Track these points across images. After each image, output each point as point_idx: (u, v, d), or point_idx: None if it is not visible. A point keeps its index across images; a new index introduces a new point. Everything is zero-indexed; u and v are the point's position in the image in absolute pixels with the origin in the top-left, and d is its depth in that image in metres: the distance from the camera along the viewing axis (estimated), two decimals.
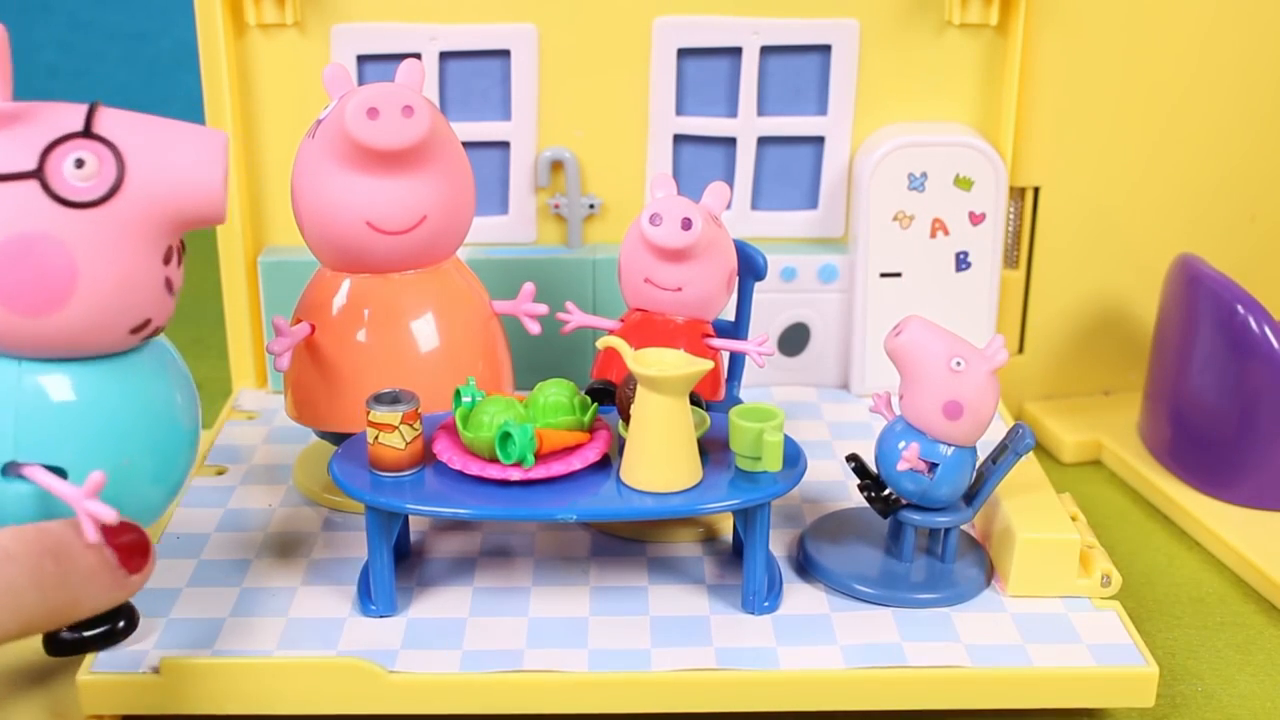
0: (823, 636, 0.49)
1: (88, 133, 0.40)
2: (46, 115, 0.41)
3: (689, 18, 0.66)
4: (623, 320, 0.58)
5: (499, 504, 0.48)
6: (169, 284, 0.43)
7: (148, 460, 0.44)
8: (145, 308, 0.42)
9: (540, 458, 0.49)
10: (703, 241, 0.54)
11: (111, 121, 0.41)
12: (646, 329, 0.56)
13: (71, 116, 0.41)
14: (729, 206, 0.68)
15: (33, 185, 0.40)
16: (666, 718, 0.48)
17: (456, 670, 0.47)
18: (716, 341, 0.57)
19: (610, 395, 0.53)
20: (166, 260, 0.42)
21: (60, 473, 0.42)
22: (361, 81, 0.64)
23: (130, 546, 0.43)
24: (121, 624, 0.46)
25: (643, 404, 0.48)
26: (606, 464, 0.50)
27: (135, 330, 0.43)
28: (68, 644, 0.46)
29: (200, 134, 0.42)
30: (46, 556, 0.40)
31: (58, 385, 0.42)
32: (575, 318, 0.59)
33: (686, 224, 0.54)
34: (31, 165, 0.40)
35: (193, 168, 0.41)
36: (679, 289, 0.55)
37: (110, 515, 0.41)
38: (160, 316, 0.43)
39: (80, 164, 0.40)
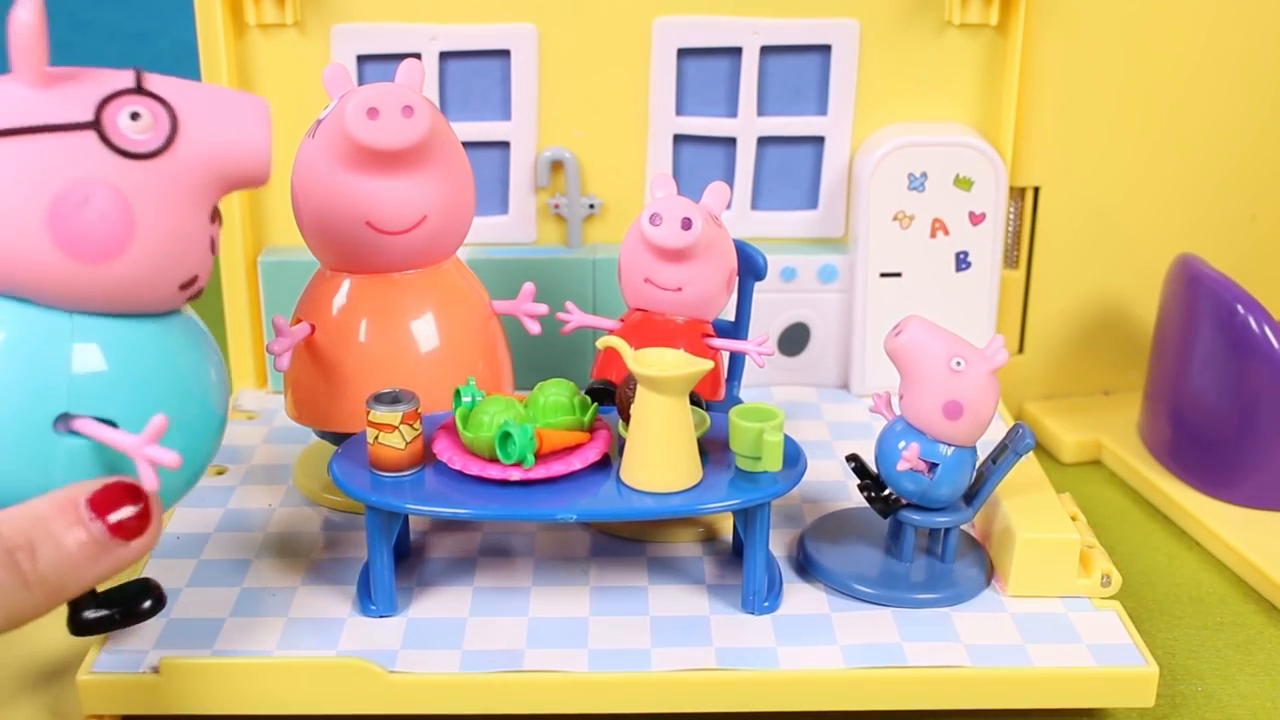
0: (823, 636, 0.49)
1: (140, 89, 0.42)
2: (96, 75, 0.42)
3: (689, 18, 0.66)
4: (623, 320, 0.58)
5: (499, 504, 0.48)
6: (213, 243, 0.44)
7: (177, 437, 0.43)
8: (193, 263, 0.43)
9: (540, 458, 0.49)
10: (703, 241, 0.54)
11: (160, 82, 0.43)
12: (646, 329, 0.56)
13: (121, 77, 0.42)
14: (729, 206, 0.68)
15: (90, 136, 0.41)
16: (666, 718, 0.48)
17: (456, 670, 0.47)
18: (716, 341, 0.57)
19: (610, 395, 0.53)
20: (212, 219, 0.44)
21: (110, 425, 0.42)
22: (361, 81, 0.64)
23: (122, 517, 0.42)
24: (148, 604, 0.46)
25: (643, 404, 0.48)
26: (606, 464, 0.50)
27: (184, 286, 0.44)
28: (91, 624, 0.45)
29: (244, 97, 0.44)
30: (20, 551, 0.40)
31: (110, 339, 0.42)
32: (575, 318, 0.59)
33: (686, 224, 0.54)
34: (88, 117, 0.41)
35: (241, 127, 0.43)
36: (679, 289, 0.55)
37: (173, 459, 0.41)
38: (204, 275, 0.44)
39: (135, 116, 0.41)
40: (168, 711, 0.47)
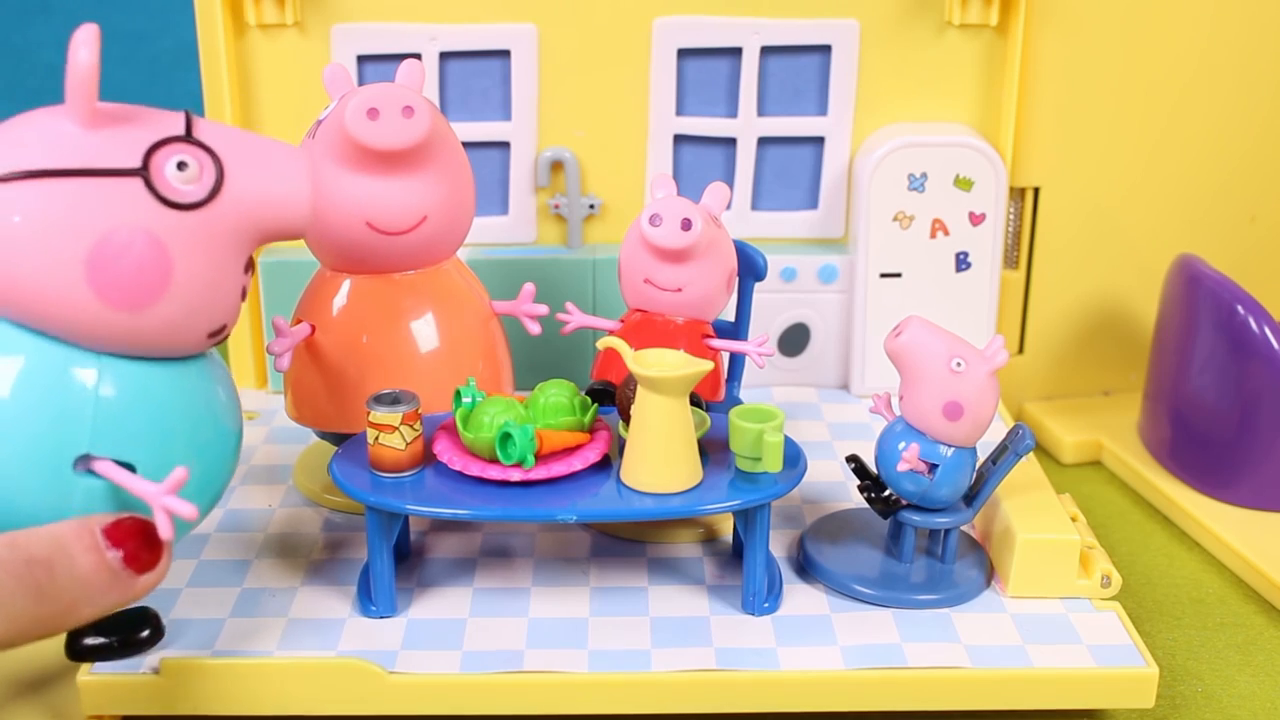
0: (823, 637, 0.49)
1: (189, 137, 0.42)
2: (147, 118, 0.42)
3: (689, 18, 0.66)
4: (623, 321, 0.58)
5: (499, 504, 0.48)
6: (244, 293, 0.44)
7: (196, 470, 0.43)
8: (225, 313, 0.44)
9: (540, 458, 0.49)
10: (702, 242, 0.54)
11: (209, 130, 0.43)
12: (646, 329, 0.56)
13: (171, 121, 0.42)
14: (729, 207, 0.68)
15: (136, 183, 0.41)
16: (666, 718, 0.48)
17: (456, 670, 0.47)
18: (716, 342, 0.57)
19: (610, 396, 0.53)
20: (246, 269, 0.44)
21: (129, 469, 0.42)
22: (361, 81, 0.64)
23: (138, 547, 0.42)
24: (146, 633, 0.46)
25: (643, 404, 0.48)
26: (607, 464, 0.50)
27: (212, 334, 0.44)
28: (89, 650, 0.45)
29: (286, 150, 0.44)
30: (37, 565, 0.40)
31: (136, 382, 0.43)
32: (575, 318, 0.59)
33: (686, 224, 0.54)
34: (136, 164, 0.41)
35: (282, 181, 0.43)
36: (679, 290, 0.55)
37: (189, 511, 0.41)
38: (233, 323, 0.45)
39: (182, 166, 0.41)
40: (168, 712, 0.47)
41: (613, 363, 0.56)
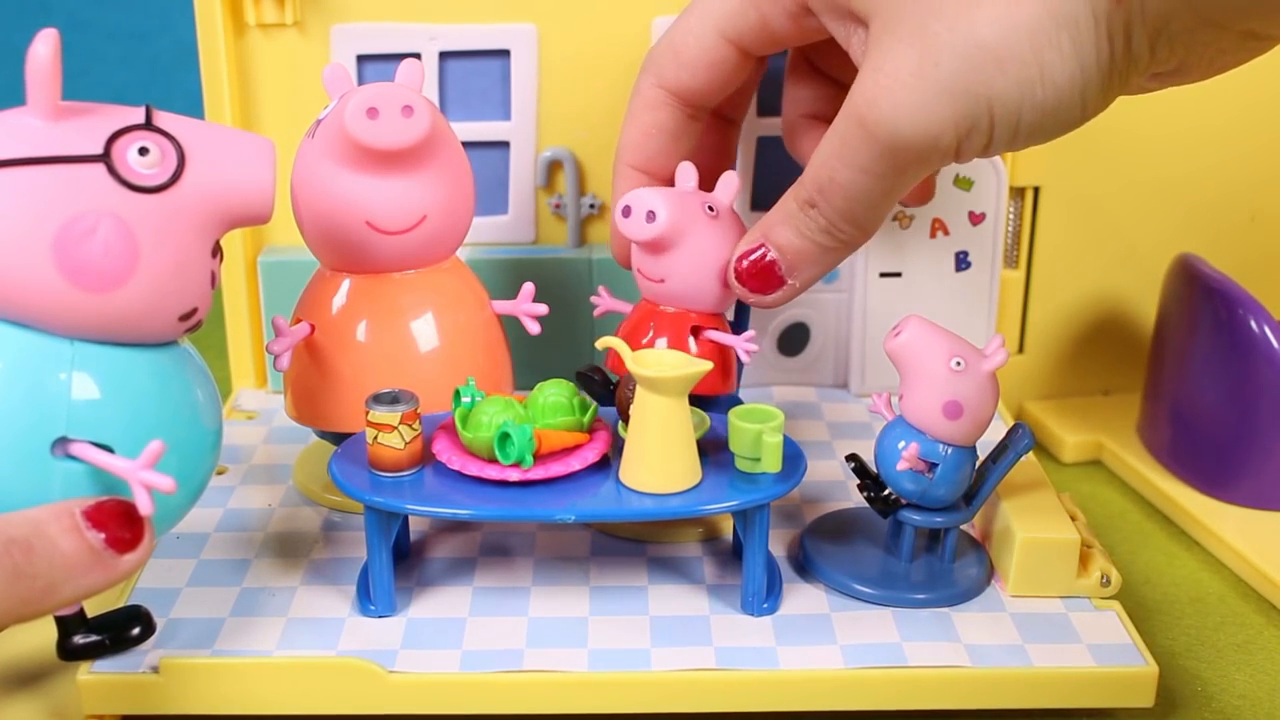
0: (823, 636, 0.49)
1: (149, 125, 0.43)
2: (108, 111, 0.43)
3: None
4: (635, 307, 0.58)
5: (498, 504, 0.48)
6: (213, 277, 0.45)
7: (173, 461, 0.43)
8: (194, 295, 0.44)
9: (539, 458, 0.49)
10: (673, 234, 0.53)
11: (169, 119, 0.44)
12: (643, 317, 0.56)
13: (132, 113, 0.43)
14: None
15: (99, 169, 0.42)
16: (666, 718, 0.48)
17: (456, 670, 0.47)
18: (706, 333, 0.57)
19: (600, 384, 0.53)
20: (213, 254, 0.45)
21: (106, 451, 0.43)
22: (361, 81, 0.64)
23: (119, 527, 0.43)
24: (137, 630, 0.47)
25: (642, 405, 0.48)
26: (605, 465, 0.50)
27: (184, 318, 0.44)
28: (80, 649, 0.46)
29: (250, 138, 0.45)
30: (14, 545, 0.40)
31: (109, 367, 0.43)
32: (605, 302, 0.59)
33: (650, 217, 0.53)
34: (98, 150, 0.42)
35: (246, 167, 0.44)
36: (661, 280, 0.55)
37: (168, 484, 0.42)
38: (204, 308, 0.45)
39: (144, 151, 0.42)
40: (167, 711, 0.47)
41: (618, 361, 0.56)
